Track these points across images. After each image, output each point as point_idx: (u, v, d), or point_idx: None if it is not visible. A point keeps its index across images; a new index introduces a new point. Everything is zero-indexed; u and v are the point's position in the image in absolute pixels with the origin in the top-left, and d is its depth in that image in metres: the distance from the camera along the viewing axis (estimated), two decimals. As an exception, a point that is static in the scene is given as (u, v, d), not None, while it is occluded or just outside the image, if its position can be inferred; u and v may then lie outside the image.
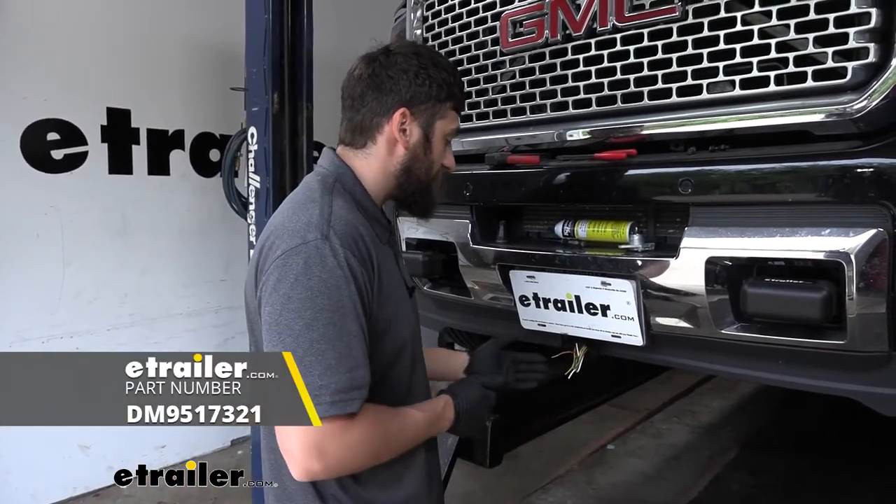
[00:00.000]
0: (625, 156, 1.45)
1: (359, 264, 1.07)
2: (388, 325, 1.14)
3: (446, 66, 1.24)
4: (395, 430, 1.12)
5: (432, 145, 1.23)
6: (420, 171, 1.23)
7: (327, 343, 1.01)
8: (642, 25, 1.39)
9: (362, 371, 1.05)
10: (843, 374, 1.34)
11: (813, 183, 1.21)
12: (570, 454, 3.64)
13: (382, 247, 1.18)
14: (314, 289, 1.02)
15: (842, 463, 3.37)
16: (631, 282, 1.48)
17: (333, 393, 1.00)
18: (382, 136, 1.20)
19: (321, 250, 1.04)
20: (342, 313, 1.03)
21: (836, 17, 1.15)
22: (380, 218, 1.23)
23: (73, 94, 3.10)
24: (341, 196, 1.16)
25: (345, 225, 1.09)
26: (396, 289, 1.20)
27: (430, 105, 1.21)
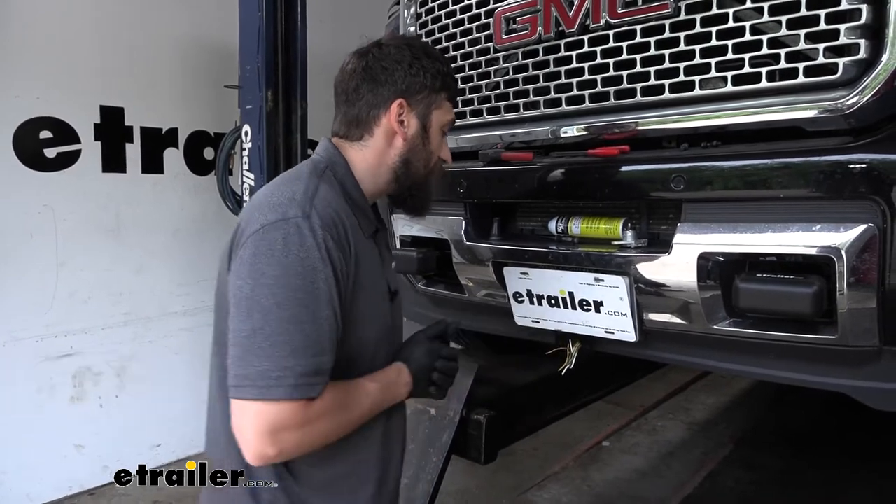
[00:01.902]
0: (618, 152, 1.46)
1: (337, 249, 1.04)
2: (352, 321, 1.10)
3: (438, 57, 1.23)
4: (351, 407, 1.10)
5: (430, 136, 1.22)
6: (419, 164, 1.22)
7: (297, 325, 0.99)
8: (635, 22, 1.39)
9: (328, 357, 1.03)
10: (834, 369, 1.34)
11: (804, 179, 1.21)
12: (565, 451, 3.65)
13: (365, 241, 1.16)
14: (290, 267, 0.99)
15: (836, 458, 3.39)
16: (624, 278, 1.48)
17: (298, 376, 0.98)
18: (380, 129, 1.19)
19: (301, 228, 1.01)
20: (316, 296, 1.00)
21: (827, 13, 1.15)
22: (367, 211, 1.20)
23: (66, 92, 3.08)
24: (329, 183, 1.14)
25: (327, 206, 1.07)
26: (373, 287, 1.17)
27: (426, 95, 1.20)
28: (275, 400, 0.97)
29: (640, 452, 3.71)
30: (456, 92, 1.28)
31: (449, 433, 1.99)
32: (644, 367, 2.94)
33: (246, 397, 0.98)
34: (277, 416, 0.98)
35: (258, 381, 0.97)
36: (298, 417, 1.00)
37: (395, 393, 1.21)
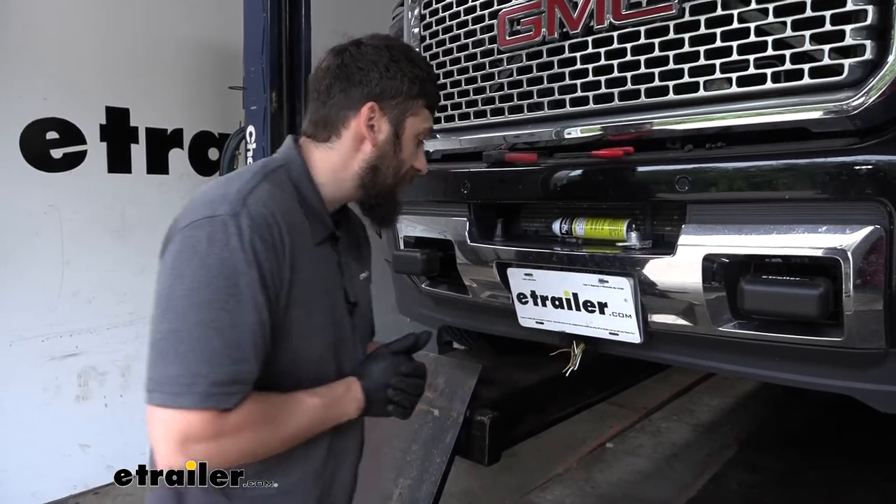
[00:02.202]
0: (622, 153, 1.45)
1: (266, 251, 0.97)
2: (288, 331, 1.03)
3: (419, 62, 1.17)
4: (280, 422, 1.02)
5: (402, 143, 1.15)
6: (387, 172, 1.15)
7: (214, 329, 0.92)
8: (639, 23, 1.39)
9: (249, 366, 0.96)
10: (840, 371, 1.34)
11: (810, 180, 1.21)
12: (568, 452, 3.64)
13: (314, 247, 1.09)
14: (211, 267, 0.93)
15: (841, 460, 3.37)
16: (628, 279, 1.48)
17: (210, 384, 0.91)
18: (348, 131, 1.13)
19: (227, 226, 0.95)
20: (238, 299, 0.94)
21: (833, 14, 1.15)
22: (322, 216, 1.12)
23: (72, 94, 3.10)
24: (279, 184, 1.07)
25: (262, 207, 0.99)
26: (318, 296, 1.09)
27: (401, 100, 1.13)
28: (183, 408, 0.91)
29: (643, 454, 3.70)
30: (436, 99, 1.21)
31: (452, 434, 1.99)
32: (648, 369, 2.93)
33: (155, 403, 0.92)
34: (187, 425, 0.92)
35: (168, 386, 0.91)
36: (210, 428, 0.93)
37: (342, 410, 1.12)
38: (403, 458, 2.08)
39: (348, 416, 1.13)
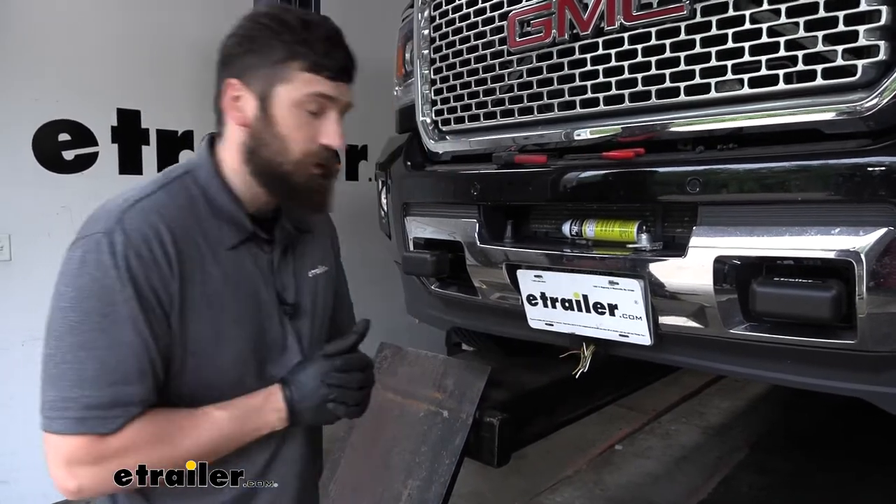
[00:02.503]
0: (633, 155, 1.45)
1: (142, 266, 0.92)
2: (188, 346, 0.99)
3: (293, 24, 1.02)
4: (178, 439, 0.97)
5: (274, 117, 1.02)
6: (269, 153, 1.03)
7: (89, 351, 0.90)
8: (650, 24, 1.39)
9: (134, 388, 0.92)
10: (853, 374, 1.33)
11: (823, 182, 1.20)
12: (578, 454, 3.63)
13: (228, 252, 1.04)
14: (84, 288, 0.90)
15: (852, 464, 3.35)
16: (639, 281, 1.47)
17: (83, 408, 0.89)
18: (224, 117, 1.06)
19: (100, 245, 0.91)
20: (113, 319, 0.91)
21: (846, 14, 1.14)
22: (238, 218, 1.05)
23: (84, 96, 3.12)
24: (179, 191, 1.02)
25: (143, 220, 0.95)
26: (230, 304, 1.03)
27: (267, 69, 1.01)
28: (58, 433, 0.91)
29: (653, 456, 3.68)
30: (319, 60, 1.02)
31: (462, 435, 1.99)
32: (657, 371, 2.92)
33: (40, 427, 0.93)
34: (66, 449, 0.91)
35: (45, 411, 0.92)
36: (90, 453, 0.91)
37: (261, 421, 1.05)
38: (413, 459, 2.08)
39: (271, 426, 1.06)
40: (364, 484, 2.18)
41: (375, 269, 4.07)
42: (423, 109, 1.99)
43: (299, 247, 1.19)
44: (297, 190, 1.05)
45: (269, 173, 1.04)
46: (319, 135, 1.03)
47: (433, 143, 1.98)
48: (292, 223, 1.16)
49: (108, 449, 0.92)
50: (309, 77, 1.01)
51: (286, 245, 1.15)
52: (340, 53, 1.04)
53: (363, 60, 1.19)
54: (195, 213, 1.02)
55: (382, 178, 2.27)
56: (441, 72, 1.91)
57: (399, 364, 2.29)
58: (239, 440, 1.04)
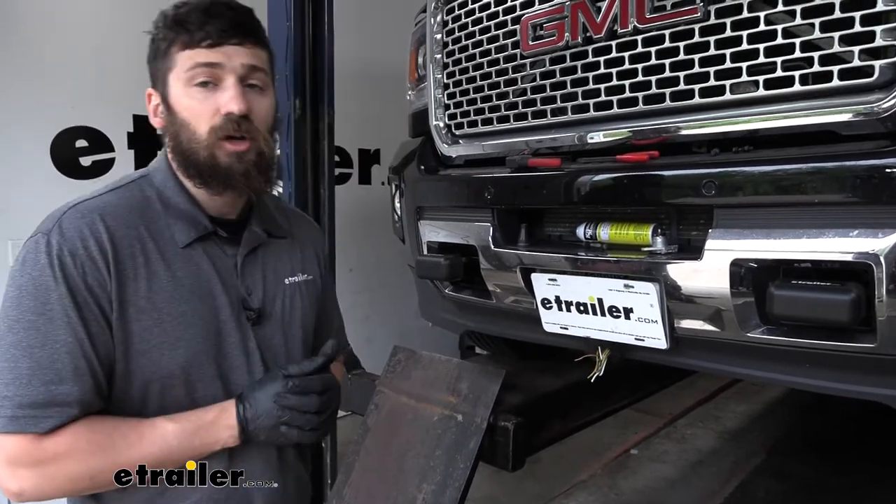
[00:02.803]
0: (647, 158, 1.44)
1: (76, 265, 0.93)
2: (131, 346, 0.98)
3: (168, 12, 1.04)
4: (121, 449, 0.95)
5: (174, 107, 1.02)
6: (183, 144, 1.02)
7: (24, 350, 0.90)
8: (664, 27, 1.38)
9: (69, 387, 0.92)
10: (872, 378, 1.31)
11: (840, 183, 1.19)
12: (592, 459, 3.62)
13: (181, 251, 1.03)
14: (23, 287, 0.92)
15: (869, 467, 3.31)
16: (654, 284, 1.47)
17: (17, 407, 0.89)
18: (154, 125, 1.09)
19: (38, 245, 0.94)
20: (48, 318, 0.91)
21: (863, 15, 1.13)
22: (192, 215, 1.05)
23: (101, 102, 3.16)
24: (131, 193, 1.04)
25: (80, 220, 0.96)
26: (177, 304, 1.01)
27: (160, 65, 1.04)
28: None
29: (668, 461, 3.66)
30: (193, 33, 0.99)
31: (476, 439, 1.99)
32: (673, 375, 2.90)
33: None
34: (6, 449, 0.91)
35: None
36: (27, 453, 0.91)
37: (212, 437, 1.02)
38: (427, 463, 2.08)
39: (222, 443, 1.04)
40: (378, 488, 2.18)
41: (389, 272, 4.09)
42: (436, 113, 1.99)
43: (274, 252, 1.17)
44: (220, 172, 1.02)
45: (190, 165, 1.03)
46: (220, 106, 1.00)
47: (446, 147, 1.98)
48: (264, 227, 1.15)
49: (44, 452, 0.91)
50: (188, 54, 1.00)
51: (255, 248, 1.13)
52: (219, 19, 1.00)
53: (376, 65, 1.19)
54: (147, 214, 1.03)
55: (396, 182, 2.28)
56: (454, 76, 1.91)
57: (413, 368, 2.29)
58: (188, 454, 1.02)
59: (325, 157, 2.67)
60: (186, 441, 1.00)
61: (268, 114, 1.07)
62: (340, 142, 2.65)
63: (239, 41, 1.01)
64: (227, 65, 1.00)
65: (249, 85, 1.03)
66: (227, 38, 1.00)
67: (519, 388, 2.24)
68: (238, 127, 1.01)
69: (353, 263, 4.03)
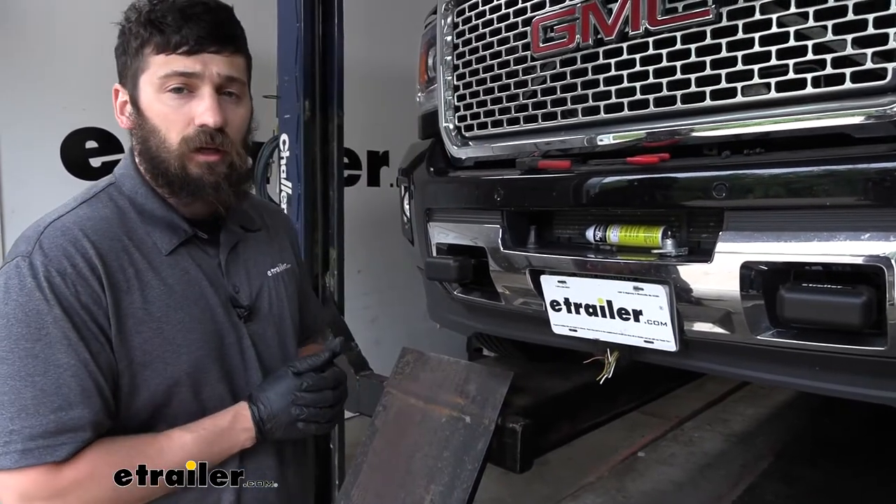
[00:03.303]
0: (657, 160, 1.44)
1: (67, 284, 0.88)
2: (133, 360, 0.94)
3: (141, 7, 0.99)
4: (137, 464, 0.92)
5: (145, 111, 0.98)
6: (152, 150, 0.98)
7: (24, 379, 0.85)
8: (675, 29, 1.38)
9: (78, 411, 0.87)
10: (883, 381, 1.31)
11: (852, 186, 1.19)
12: (600, 461, 3.61)
13: (166, 258, 1.00)
14: (10, 315, 0.86)
15: (879, 473, 3.29)
16: (664, 287, 1.47)
17: (28, 439, 0.84)
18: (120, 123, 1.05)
19: (20, 269, 0.88)
20: (46, 343, 0.86)
21: (876, 17, 1.13)
22: (171, 220, 1.02)
23: (111, 104, 3.17)
24: (103, 203, 1.00)
25: (62, 237, 0.92)
26: (173, 312, 0.98)
27: (131, 63, 0.99)
28: (7, 470, 0.85)
29: (676, 463, 3.65)
30: (169, 37, 0.95)
31: (484, 441, 1.99)
32: (681, 377, 2.90)
33: None
34: (18, 486, 0.86)
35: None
36: (45, 486, 0.86)
37: (230, 442, 1.02)
38: (435, 464, 2.08)
39: (241, 445, 1.04)
40: (386, 489, 2.18)
41: (398, 274, 4.09)
42: (445, 115, 2.00)
43: (252, 246, 1.16)
44: (187, 184, 0.98)
45: (159, 172, 0.99)
46: (194, 116, 0.96)
47: (456, 149, 1.98)
48: (239, 223, 1.13)
49: (63, 480, 0.87)
50: (163, 59, 0.95)
51: (234, 245, 1.11)
52: (197, 24, 0.95)
53: (386, 67, 1.19)
54: (124, 224, 0.99)
55: (405, 183, 2.28)
56: (464, 78, 1.91)
57: (421, 369, 2.29)
58: (209, 462, 1.00)
59: (333, 158, 2.68)
60: (206, 449, 0.99)
61: (242, 124, 1.04)
62: (349, 143, 2.66)
63: (217, 49, 0.97)
64: (204, 73, 0.96)
65: (227, 93, 1.00)
66: (205, 46, 0.96)
67: (527, 389, 2.24)
68: (211, 140, 0.97)
69: (361, 265, 4.04)
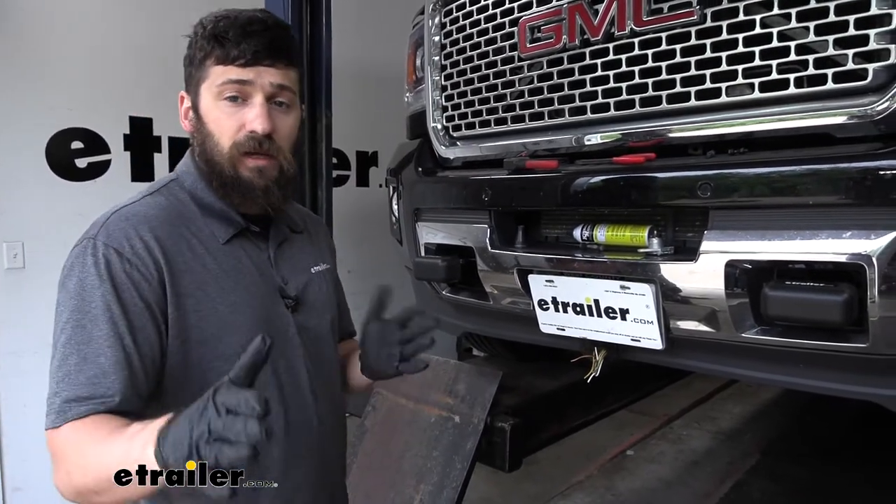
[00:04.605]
0: (643, 160, 1.45)
1: (121, 262, 0.97)
2: (199, 334, 1.02)
3: (207, 24, 1.08)
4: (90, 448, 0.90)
5: (203, 116, 1.08)
6: (207, 152, 1.08)
7: (72, 347, 0.95)
8: (660, 29, 1.39)
9: (109, 380, 0.94)
10: (865, 378, 1.33)
11: (834, 185, 1.20)
12: (589, 460, 3.62)
13: (222, 246, 1.08)
14: (71, 291, 0.97)
15: (864, 471, 3.32)
16: (650, 285, 1.48)
17: (63, 402, 0.93)
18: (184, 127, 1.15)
19: (85, 250, 0.99)
20: (92, 316, 0.95)
21: (857, 18, 1.14)
22: (227, 213, 1.10)
23: (97, 104, 3.16)
24: (165, 196, 1.09)
25: (124, 221, 1.01)
26: (229, 294, 1.06)
27: (195, 73, 1.09)
28: (48, 428, 0.94)
29: (664, 462, 3.67)
30: (229, 50, 1.04)
31: (473, 440, 2.00)
32: (669, 376, 2.92)
33: None
34: (53, 443, 0.94)
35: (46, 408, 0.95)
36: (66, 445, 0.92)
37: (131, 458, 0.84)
38: (424, 464, 2.09)
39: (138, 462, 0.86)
40: (376, 489, 2.19)
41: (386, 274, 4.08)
42: (433, 115, 2.00)
43: (296, 245, 1.23)
44: (238, 185, 1.07)
45: (213, 173, 1.08)
46: (246, 122, 1.05)
47: (444, 149, 1.99)
48: (284, 222, 1.21)
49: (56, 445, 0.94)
50: (222, 69, 1.04)
51: (281, 243, 1.19)
52: (255, 39, 1.04)
53: (374, 67, 1.21)
54: (184, 215, 1.08)
55: (393, 183, 2.29)
56: (452, 78, 1.92)
57: (410, 369, 2.30)
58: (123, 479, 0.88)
59: (322, 159, 2.67)
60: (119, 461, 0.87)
61: (291, 132, 1.12)
62: (338, 144, 2.65)
63: (270, 62, 1.05)
64: (257, 82, 1.05)
65: (277, 102, 1.08)
66: (260, 59, 1.04)
67: (516, 389, 2.25)
68: (259, 146, 1.06)
69: (351, 265, 4.03)
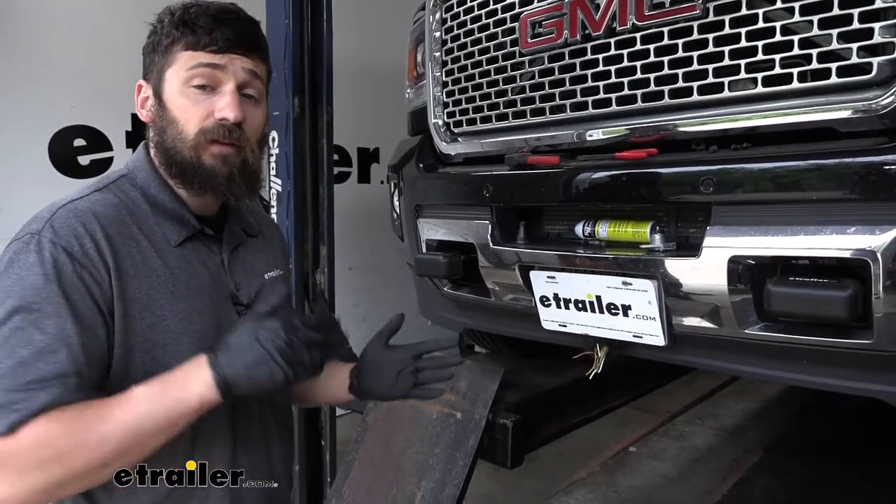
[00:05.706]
0: (645, 155, 1.45)
1: (70, 262, 0.90)
2: (145, 341, 0.96)
3: (175, 10, 1.03)
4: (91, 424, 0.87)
5: (166, 103, 1.02)
6: (169, 141, 1.01)
7: (12, 348, 0.86)
8: (662, 24, 1.38)
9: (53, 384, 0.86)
10: (869, 374, 1.32)
11: (838, 180, 1.20)
12: (591, 456, 3.62)
13: (174, 249, 1.02)
14: (8, 288, 0.88)
15: (867, 468, 3.31)
16: (652, 281, 1.47)
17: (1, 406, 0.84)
18: (141, 118, 1.08)
19: (28, 245, 0.91)
20: (39, 315, 0.87)
21: (861, 11, 1.13)
22: (182, 216, 1.04)
23: (99, 101, 3.15)
24: (115, 193, 1.02)
25: (72, 218, 0.94)
26: (179, 301, 1.00)
27: (158, 60, 1.03)
28: None
29: (667, 458, 3.67)
30: (200, 36, 1.00)
31: (475, 437, 1.99)
32: (671, 372, 2.91)
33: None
34: None
35: None
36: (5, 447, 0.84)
37: (181, 395, 0.90)
38: (426, 460, 2.09)
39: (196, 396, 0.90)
40: (377, 485, 2.18)
41: (387, 271, 4.08)
42: (434, 112, 2.00)
43: (250, 249, 1.17)
44: (202, 173, 1.01)
45: (174, 163, 1.02)
46: (215, 110, 1.00)
47: (445, 145, 1.98)
48: (240, 226, 1.16)
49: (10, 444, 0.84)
50: (189, 55, 1.00)
51: (236, 246, 1.13)
52: (228, 28, 1.00)
53: (375, 63, 1.20)
54: (135, 214, 1.01)
55: (395, 180, 2.28)
56: (453, 74, 1.91)
57: (412, 366, 2.29)
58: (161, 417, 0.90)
59: (323, 155, 2.66)
60: (158, 401, 0.90)
61: (259, 125, 1.08)
62: (339, 140, 2.64)
63: (243, 52, 1.02)
64: (229, 68, 1.01)
65: (246, 95, 1.04)
66: (232, 48, 1.01)
67: (517, 385, 2.24)
68: (229, 134, 1.01)
69: (352, 262, 4.03)
